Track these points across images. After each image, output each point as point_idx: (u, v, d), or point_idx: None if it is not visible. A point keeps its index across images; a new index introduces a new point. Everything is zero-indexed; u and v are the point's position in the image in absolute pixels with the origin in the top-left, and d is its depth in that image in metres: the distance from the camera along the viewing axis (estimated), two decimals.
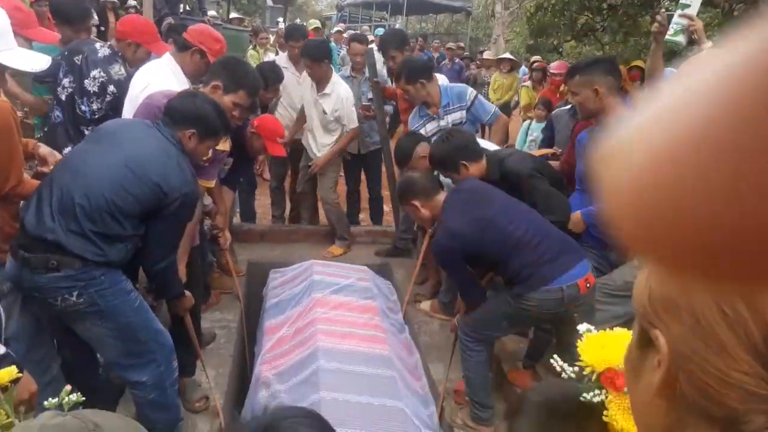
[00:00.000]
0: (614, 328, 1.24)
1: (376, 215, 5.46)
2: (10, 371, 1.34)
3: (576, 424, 1.05)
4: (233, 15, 12.73)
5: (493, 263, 2.61)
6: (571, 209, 3.00)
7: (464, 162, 2.93)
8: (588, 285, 2.51)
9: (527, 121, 6.26)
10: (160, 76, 2.83)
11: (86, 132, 3.17)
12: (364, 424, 2.57)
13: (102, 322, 2.19)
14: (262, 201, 5.90)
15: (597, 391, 1.09)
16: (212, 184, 3.08)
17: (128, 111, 2.91)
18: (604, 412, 1.07)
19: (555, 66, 6.77)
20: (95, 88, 3.16)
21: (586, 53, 13.54)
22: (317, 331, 3.29)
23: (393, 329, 3.66)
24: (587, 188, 3.06)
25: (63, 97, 3.20)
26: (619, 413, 1.07)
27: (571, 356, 1.20)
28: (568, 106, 4.45)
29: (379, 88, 4.66)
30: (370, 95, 4.99)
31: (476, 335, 2.65)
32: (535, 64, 8.37)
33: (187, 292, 2.58)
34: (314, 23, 9.19)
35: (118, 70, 3.23)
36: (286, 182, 5.48)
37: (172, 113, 2.36)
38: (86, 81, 3.16)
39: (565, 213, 2.96)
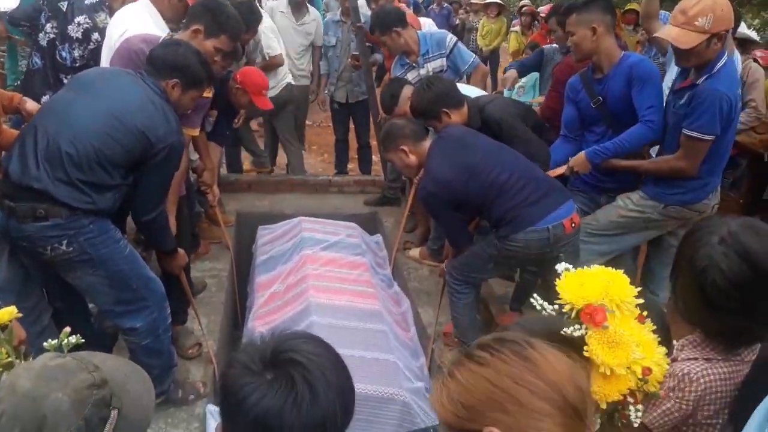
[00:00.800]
0: (593, 266, 1.27)
1: (365, 164, 5.45)
2: (11, 311, 1.34)
3: None
4: None
5: (479, 207, 2.62)
6: (550, 156, 3.00)
7: (446, 110, 2.91)
8: (573, 225, 2.54)
9: None
10: (138, 21, 2.73)
11: (65, 80, 3.09)
12: (357, 378, 2.60)
13: (93, 270, 2.19)
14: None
15: (577, 326, 1.11)
16: (197, 132, 3.03)
17: (106, 59, 2.82)
18: (585, 347, 1.10)
19: (546, 9, 6.64)
20: (78, 35, 3.07)
21: None
22: (309, 287, 3.32)
23: (382, 284, 3.70)
24: (573, 135, 3.06)
25: (44, 43, 3.11)
26: (599, 348, 1.10)
27: (554, 296, 1.22)
28: (557, 46, 4.39)
29: (363, 33, 4.56)
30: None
31: (463, 278, 2.69)
32: (524, 9, 8.21)
33: (181, 250, 2.58)
34: None
35: (103, 18, 3.13)
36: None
37: (155, 62, 2.30)
38: (70, 27, 3.07)
39: (546, 160, 2.96)
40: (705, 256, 1.14)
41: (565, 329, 1.11)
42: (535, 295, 1.23)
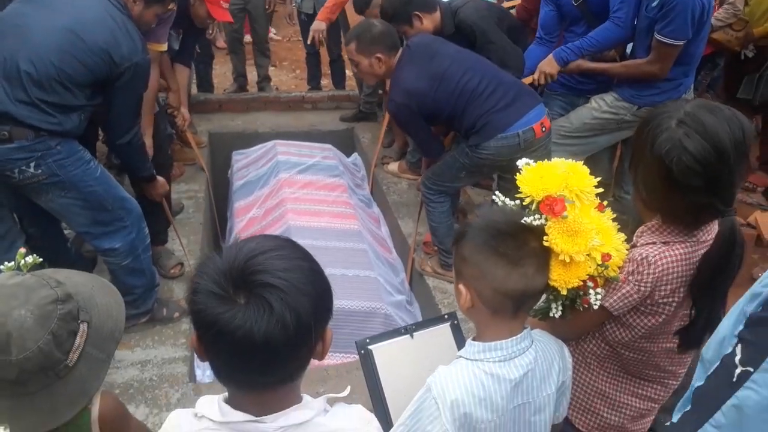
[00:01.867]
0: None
1: (338, 78, 5.31)
2: None
3: (517, 242, 1.10)
4: None
5: (449, 117, 2.58)
6: (524, 62, 2.94)
7: (417, 12, 2.81)
8: (544, 129, 2.53)
9: None
10: None
11: None
12: (340, 294, 2.68)
13: (65, 192, 2.16)
14: (218, 70, 5.67)
15: (537, 216, 1.13)
16: (164, 47, 2.91)
17: None
18: (545, 237, 1.12)
19: None
20: None
21: None
22: (287, 210, 3.32)
23: (361, 204, 3.71)
24: (550, 38, 2.99)
25: None
26: (559, 236, 1.12)
27: (496, 197, 1.23)
28: None
29: None
30: None
31: (437, 187, 2.70)
32: None
33: (160, 178, 2.54)
34: None
35: None
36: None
37: None
38: None
39: (520, 66, 2.91)
40: (666, 139, 1.16)
41: (525, 218, 1.13)
42: (496, 192, 1.25)
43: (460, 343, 1.51)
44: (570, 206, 1.14)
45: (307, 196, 3.56)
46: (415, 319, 2.90)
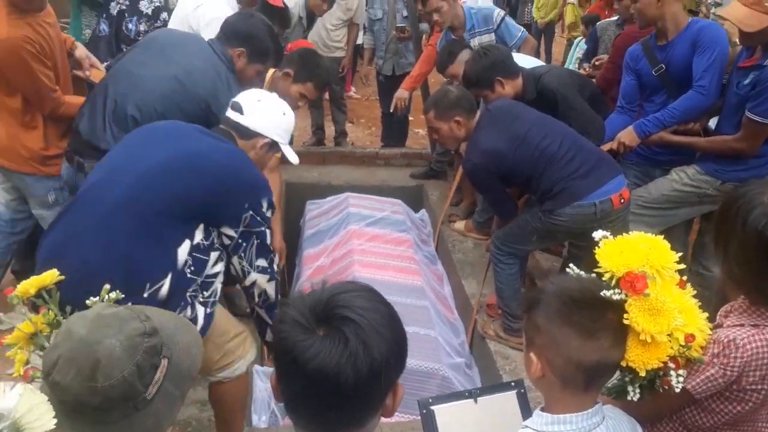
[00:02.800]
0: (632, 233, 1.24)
1: (402, 136, 5.46)
2: (52, 273, 1.42)
3: (593, 313, 1.07)
4: None
5: (526, 179, 2.57)
6: (605, 130, 2.91)
7: (500, 78, 2.84)
8: (622, 200, 2.47)
9: (578, 39, 6.03)
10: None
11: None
12: None
13: None
14: (299, 124, 5.92)
15: (617, 290, 1.10)
16: None
17: (175, 27, 2.92)
18: (625, 315, 1.08)
19: None
20: (149, 11, 3.17)
21: None
22: (354, 262, 3.36)
23: (426, 261, 3.71)
24: (631, 107, 2.96)
25: (114, 12, 3.22)
26: (640, 315, 1.09)
27: (570, 269, 1.21)
28: (615, 17, 4.24)
29: (414, 5, 4.51)
30: (405, 12, 4.86)
31: (507, 248, 2.67)
32: None
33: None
34: None
35: (175, 1, 3.22)
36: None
37: (226, 29, 2.38)
38: (142, 2, 3.17)
39: (601, 134, 2.88)
40: (762, 214, 1.14)
41: (604, 291, 1.10)
42: (571, 264, 1.22)
43: (526, 412, 1.46)
44: (651, 282, 1.11)
45: (374, 248, 3.60)
46: (473, 384, 2.82)
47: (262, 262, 1.86)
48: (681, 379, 1.10)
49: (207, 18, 2.82)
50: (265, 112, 1.96)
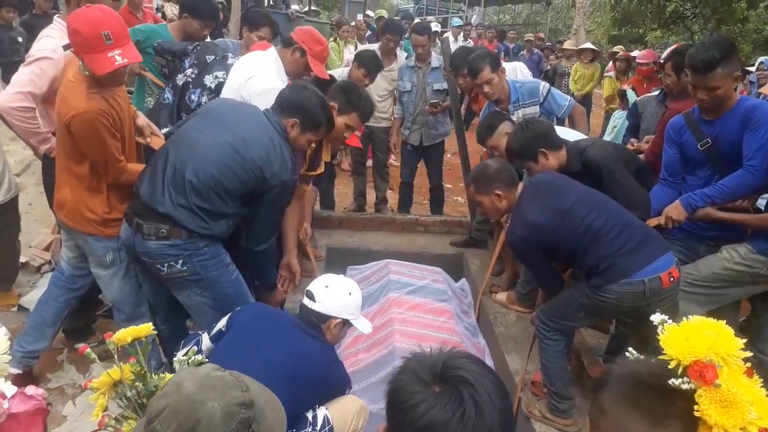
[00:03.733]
0: (692, 317, 1.22)
1: (437, 206, 5.50)
2: (148, 327, 1.48)
3: (662, 399, 1.05)
4: (312, 8, 13.10)
5: (572, 254, 2.55)
6: (651, 205, 2.89)
7: (543, 150, 2.87)
8: (672, 279, 2.42)
9: (615, 111, 6.09)
10: (264, 69, 2.96)
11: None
12: None
13: (201, 291, 2.36)
14: (340, 190, 6.06)
15: (686, 379, 1.07)
16: (321, 169, 3.25)
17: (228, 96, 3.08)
18: (695, 407, 1.05)
19: (642, 55, 6.51)
20: (212, 85, 3.36)
21: (672, 43, 12.90)
22: (394, 331, 3.35)
23: (467, 333, 3.66)
24: (674, 179, 2.95)
25: (180, 83, 3.41)
26: (712, 407, 1.05)
27: (652, 351, 1.19)
28: (656, 92, 4.27)
29: (453, 77, 4.65)
30: (435, 86, 5.01)
31: (553, 324, 2.62)
32: (619, 54, 8.09)
33: (280, 287, 2.72)
34: (381, 12, 9.65)
35: None
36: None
37: (281, 101, 2.51)
38: (207, 77, 3.37)
39: (647, 208, 2.86)
40: None
41: (672, 380, 1.07)
42: (630, 349, 1.21)
43: None
44: (720, 371, 1.08)
45: (414, 318, 3.57)
46: None
47: None
48: None
49: (258, 89, 2.95)
50: (334, 297, 2.23)
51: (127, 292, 2.63)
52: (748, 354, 1.15)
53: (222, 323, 2.18)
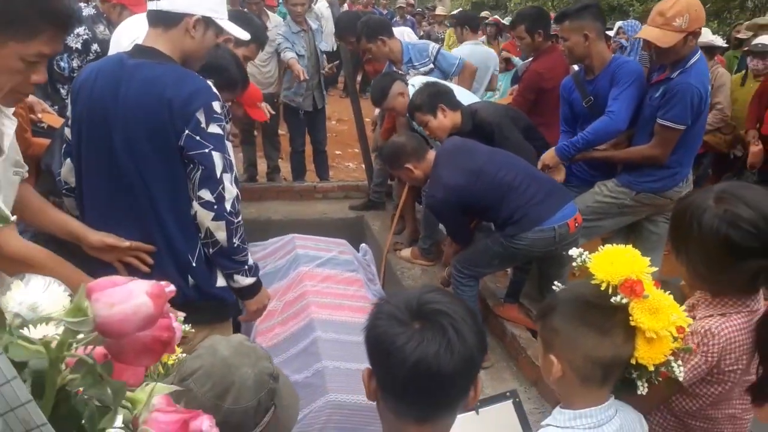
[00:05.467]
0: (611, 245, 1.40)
1: (323, 170, 5.52)
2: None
3: (605, 313, 1.21)
4: None
5: (487, 209, 2.77)
6: (535, 156, 3.17)
7: (443, 105, 3.06)
8: (577, 224, 2.71)
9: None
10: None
11: (62, 90, 3.09)
12: (359, 390, 2.68)
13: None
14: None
15: (621, 296, 1.24)
16: None
17: None
18: (630, 318, 1.22)
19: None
20: (78, 45, 3.08)
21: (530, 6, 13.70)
22: (310, 303, 3.36)
23: (376, 299, 3.74)
24: (572, 130, 3.24)
25: None
26: (644, 316, 1.23)
27: (556, 286, 1.35)
28: (530, 59, 4.59)
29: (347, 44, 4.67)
30: (323, 48, 5.02)
31: (468, 272, 2.82)
32: (489, 20, 8.48)
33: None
34: None
35: (102, 30, 3.16)
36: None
37: None
38: (69, 37, 3.06)
39: (532, 160, 3.14)
40: (712, 215, 1.30)
41: (613, 298, 1.23)
42: (556, 282, 1.36)
43: (523, 419, 1.57)
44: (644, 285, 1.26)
45: (327, 289, 3.60)
46: None
47: (205, 194, 1.69)
48: (681, 369, 1.25)
49: None
50: None
51: None
52: (655, 269, 1.34)
53: None
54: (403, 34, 5.04)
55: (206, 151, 1.68)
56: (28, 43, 1.19)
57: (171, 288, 0.52)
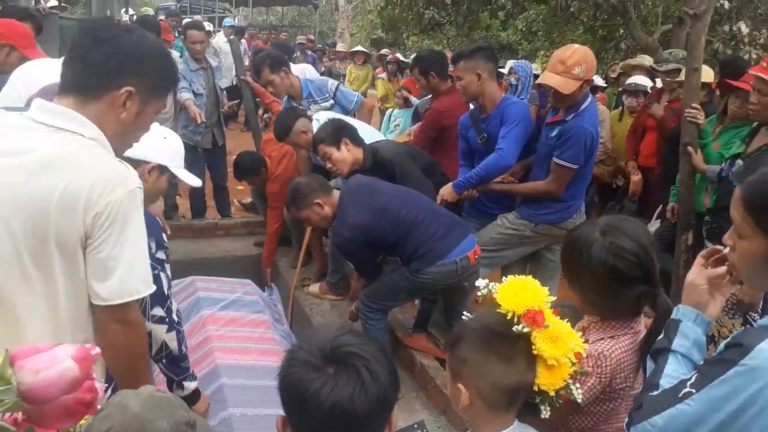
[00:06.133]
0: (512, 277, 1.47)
1: (224, 207, 5.40)
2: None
3: (509, 341, 1.27)
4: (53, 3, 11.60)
5: (392, 245, 2.82)
6: (434, 191, 3.28)
7: (346, 139, 3.12)
8: (476, 256, 2.82)
9: (389, 110, 6.57)
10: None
11: None
12: None
13: None
14: None
15: (523, 325, 1.29)
16: None
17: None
18: (533, 347, 1.27)
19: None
20: None
21: (427, 47, 14.33)
22: (214, 348, 3.25)
23: (283, 340, 3.70)
24: (468, 163, 3.38)
25: None
26: (545, 344, 1.29)
27: (459, 315, 1.42)
28: (429, 96, 4.77)
29: (248, 84, 4.66)
30: (222, 84, 4.98)
31: (376, 306, 2.85)
32: (389, 57, 8.74)
33: None
34: (147, 10, 9.00)
35: None
36: None
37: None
38: None
39: (431, 195, 3.25)
40: (599, 248, 1.42)
41: (516, 327, 1.28)
42: (465, 312, 1.41)
43: None
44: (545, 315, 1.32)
45: (232, 333, 3.49)
46: None
47: (158, 311, 1.76)
48: (580, 391, 1.32)
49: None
50: (143, 140, 1.74)
51: None
52: (553, 299, 1.42)
53: None
54: (305, 70, 5.09)
55: (155, 272, 1.68)
56: (161, 101, 1.46)
57: (96, 350, 0.49)
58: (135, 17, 9.74)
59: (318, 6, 20.73)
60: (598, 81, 5.09)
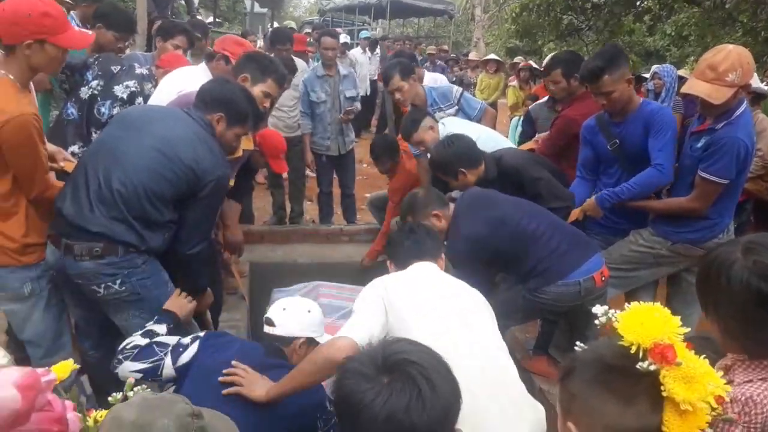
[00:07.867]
0: (639, 303, 1.29)
1: (350, 213, 5.48)
2: (68, 364, 1.33)
3: (629, 378, 1.09)
4: (210, 20, 12.70)
5: (509, 260, 2.63)
6: (574, 197, 3.06)
7: (462, 169, 2.99)
8: (603, 278, 2.56)
9: (515, 118, 6.38)
10: (195, 81, 2.83)
11: (95, 134, 3.15)
12: None
13: (140, 312, 2.21)
14: (256, 204, 5.91)
15: (649, 361, 1.12)
16: (231, 182, 3.09)
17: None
18: (662, 388, 1.10)
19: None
20: (124, 96, 3.17)
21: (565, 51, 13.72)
22: None
23: None
24: (590, 176, 3.14)
25: (85, 97, 3.19)
26: (677, 385, 1.10)
27: (585, 341, 1.24)
28: (545, 99, 4.53)
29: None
30: (348, 94, 5.06)
31: None
32: (522, 64, 8.50)
33: (208, 289, 2.59)
34: (290, 23, 9.59)
35: (149, 87, 3.26)
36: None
37: (204, 96, 2.38)
38: (117, 87, 3.18)
39: (570, 197, 3.02)
40: (741, 268, 1.20)
41: (640, 364, 1.12)
42: (578, 343, 1.25)
43: None
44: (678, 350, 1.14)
45: None
46: None
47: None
48: None
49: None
50: (293, 317, 2.13)
51: (49, 323, 2.37)
52: (687, 330, 1.23)
53: (189, 353, 1.94)
54: (437, 80, 5.07)
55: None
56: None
57: (50, 377, 0.45)
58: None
59: (453, 16, 20.76)
60: (764, 89, 4.46)
